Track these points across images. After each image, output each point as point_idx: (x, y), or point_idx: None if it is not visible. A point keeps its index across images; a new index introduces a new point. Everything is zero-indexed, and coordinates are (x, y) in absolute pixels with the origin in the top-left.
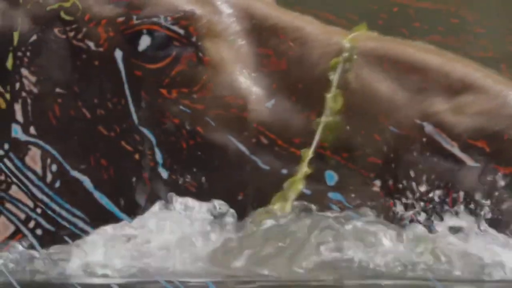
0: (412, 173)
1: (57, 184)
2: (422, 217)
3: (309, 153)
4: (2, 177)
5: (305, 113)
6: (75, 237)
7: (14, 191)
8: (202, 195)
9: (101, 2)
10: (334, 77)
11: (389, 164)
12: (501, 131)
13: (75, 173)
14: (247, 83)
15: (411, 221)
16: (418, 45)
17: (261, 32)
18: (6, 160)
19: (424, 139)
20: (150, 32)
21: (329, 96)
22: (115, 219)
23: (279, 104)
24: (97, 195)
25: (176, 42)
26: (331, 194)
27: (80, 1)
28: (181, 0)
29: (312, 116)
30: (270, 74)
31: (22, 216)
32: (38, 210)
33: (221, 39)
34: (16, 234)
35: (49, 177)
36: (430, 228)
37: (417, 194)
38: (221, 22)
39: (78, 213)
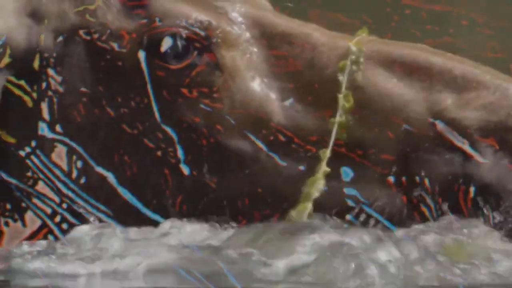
0: (423, 169)
1: (83, 180)
2: (435, 213)
3: (327, 153)
4: (29, 173)
5: (318, 113)
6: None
7: (41, 186)
8: (221, 191)
9: (122, 15)
10: (343, 78)
11: (401, 160)
12: (504, 121)
13: (100, 169)
14: (262, 86)
15: (423, 218)
16: (418, 45)
17: (271, 39)
18: (33, 157)
19: (434, 135)
20: (171, 34)
21: (340, 96)
22: (138, 214)
23: (293, 105)
24: (121, 190)
25: (197, 44)
26: (346, 190)
27: (102, 13)
28: (198, 11)
29: (325, 115)
30: (281, 77)
31: (49, 210)
32: (64, 205)
33: (235, 47)
34: (42, 228)
35: (74, 173)
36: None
37: (429, 190)
38: (234, 31)
39: (103, 207)
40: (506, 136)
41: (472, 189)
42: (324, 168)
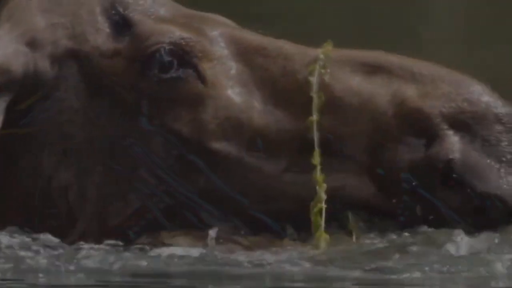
0: (394, 157)
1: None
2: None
3: (318, 151)
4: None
5: (293, 114)
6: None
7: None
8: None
9: (111, 37)
10: (314, 80)
11: (373, 150)
12: (462, 106)
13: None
14: (241, 94)
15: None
16: (377, 51)
17: (246, 53)
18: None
19: (399, 124)
20: (158, 50)
21: (313, 95)
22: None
23: (272, 110)
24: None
25: (180, 58)
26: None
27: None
28: (180, 30)
29: (300, 115)
30: (258, 85)
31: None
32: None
33: (214, 61)
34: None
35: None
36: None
37: (400, 180)
38: (213, 48)
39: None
40: (465, 119)
41: (441, 170)
42: (319, 166)
